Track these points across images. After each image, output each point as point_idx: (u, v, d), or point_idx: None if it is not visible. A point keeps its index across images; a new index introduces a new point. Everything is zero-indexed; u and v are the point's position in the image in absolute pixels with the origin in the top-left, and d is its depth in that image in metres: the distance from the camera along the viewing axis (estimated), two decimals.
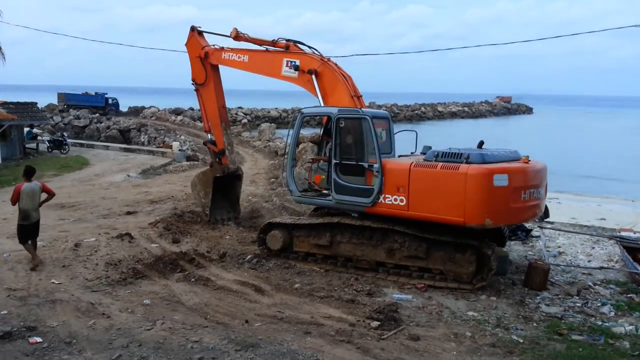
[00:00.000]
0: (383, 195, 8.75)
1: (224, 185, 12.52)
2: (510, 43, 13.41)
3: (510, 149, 9.04)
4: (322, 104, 10.11)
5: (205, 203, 12.43)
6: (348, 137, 9.36)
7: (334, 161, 9.38)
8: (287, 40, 10.95)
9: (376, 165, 8.81)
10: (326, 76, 10.22)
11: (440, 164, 8.33)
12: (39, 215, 9.55)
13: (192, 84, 12.26)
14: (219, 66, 12.01)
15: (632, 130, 64.21)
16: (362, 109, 9.40)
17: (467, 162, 8.07)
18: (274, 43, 11.08)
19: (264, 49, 11.28)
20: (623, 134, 58.16)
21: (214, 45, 11.87)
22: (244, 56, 11.35)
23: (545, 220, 13.01)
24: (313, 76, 10.21)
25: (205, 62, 11.81)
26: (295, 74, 10.50)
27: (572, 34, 13.86)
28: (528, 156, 8.75)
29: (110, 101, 51.78)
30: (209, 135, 12.56)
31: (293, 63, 10.49)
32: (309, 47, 10.88)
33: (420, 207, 8.41)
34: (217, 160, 12.33)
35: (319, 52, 10.76)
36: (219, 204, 12.61)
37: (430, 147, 9.05)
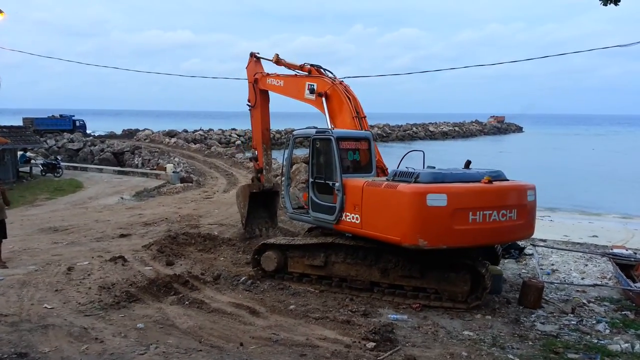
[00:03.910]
0: (344, 213, 8.95)
1: (263, 200, 13.40)
2: (497, 64, 13.71)
3: (491, 169, 8.81)
4: (331, 126, 10.50)
5: (243, 214, 13.28)
6: (321, 157, 9.75)
7: (310, 180, 9.78)
8: (311, 65, 11.73)
9: (337, 184, 9.08)
10: (334, 98, 10.77)
11: (385, 183, 8.36)
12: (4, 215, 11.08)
13: (247, 104, 13.32)
14: (269, 92, 12.93)
15: (612, 147, 64.99)
16: (333, 130, 9.68)
17: (415, 182, 8.00)
18: (301, 67, 11.90)
19: (295, 73, 12.07)
20: (609, 153, 58.83)
21: (260, 73, 12.83)
22: (280, 81, 12.22)
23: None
24: (323, 98, 10.81)
25: (256, 87, 12.82)
26: (313, 97, 11.14)
27: (559, 54, 14.18)
28: (490, 177, 8.28)
29: (77, 123, 52.42)
30: (255, 152, 13.59)
31: (311, 86, 11.17)
32: (324, 69, 11.61)
33: (370, 225, 8.48)
34: (257, 177, 13.34)
35: (333, 75, 11.43)
36: (259, 216, 13.47)
37: (434, 167, 9.09)
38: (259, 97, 12.89)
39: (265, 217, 13.67)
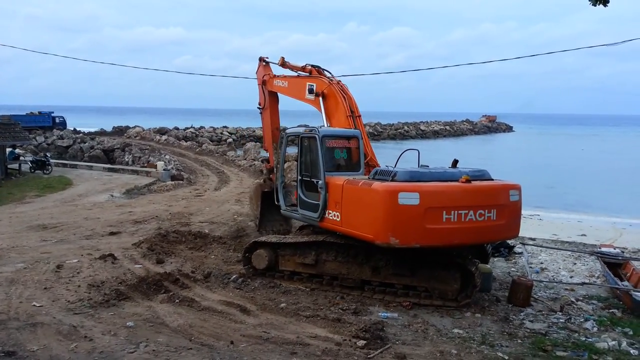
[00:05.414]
0: (327, 210, 9.05)
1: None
2: (488, 62, 13.78)
3: (475, 168, 8.76)
4: (328, 125, 10.62)
5: (256, 214, 13.34)
6: (308, 155, 9.84)
7: (298, 178, 9.93)
8: (312, 65, 11.89)
9: (320, 182, 9.18)
10: (331, 98, 10.95)
11: (362, 181, 8.40)
12: None
13: (258, 107, 13.52)
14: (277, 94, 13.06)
15: (595, 142, 65.57)
16: (320, 128, 9.74)
17: (392, 180, 8.03)
18: (303, 68, 12.06)
19: (297, 74, 12.21)
20: (599, 153, 59.38)
21: (268, 74, 12.99)
22: (285, 82, 12.38)
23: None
24: (320, 98, 11.00)
25: (265, 89, 13.02)
26: (312, 97, 11.29)
27: (547, 52, 14.30)
28: (469, 176, 8.17)
29: (57, 120, 51.72)
30: (266, 153, 13.74)
31: (311, 87, 11.34)
32: (323, 69, 11.77)
33: (349, 223, 8.55)
34: (268, 177, 13.29)
35: (331, 75, 11.60)
36: (272, 218, 13.32)
37: (427, 166, 9.10)
38: (268, 99, 13.03)
39: (280, 219, 13.37)
